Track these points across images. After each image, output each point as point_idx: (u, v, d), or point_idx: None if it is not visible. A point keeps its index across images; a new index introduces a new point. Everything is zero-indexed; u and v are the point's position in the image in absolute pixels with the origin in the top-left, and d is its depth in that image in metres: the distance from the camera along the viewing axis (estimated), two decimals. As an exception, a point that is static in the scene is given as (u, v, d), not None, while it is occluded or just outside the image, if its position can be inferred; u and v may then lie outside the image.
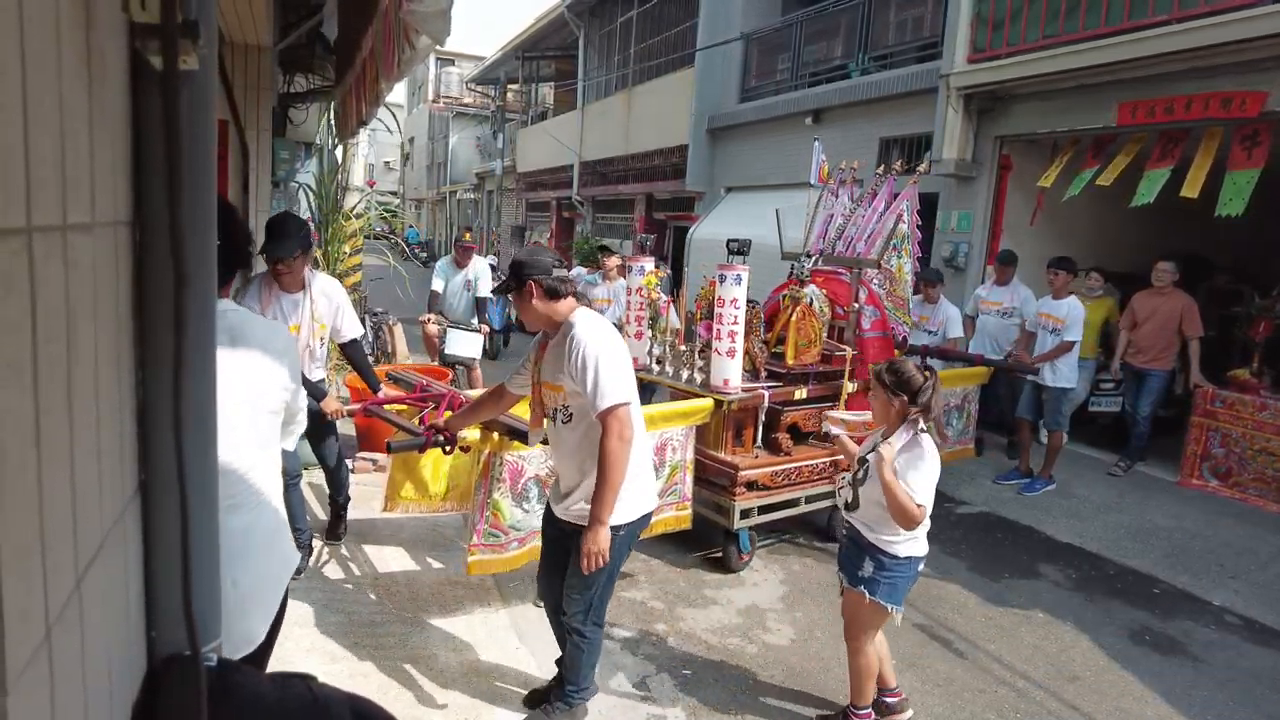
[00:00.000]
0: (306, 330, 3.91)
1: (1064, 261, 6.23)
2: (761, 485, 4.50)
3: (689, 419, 4.23)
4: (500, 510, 3.53)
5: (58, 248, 0.70)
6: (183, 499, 0.86)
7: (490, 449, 3.43)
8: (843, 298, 5.04)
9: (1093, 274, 7.16)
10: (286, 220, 3.79)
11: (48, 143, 0.67)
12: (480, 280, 7.33)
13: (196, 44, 0.82)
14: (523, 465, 3.56)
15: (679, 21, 13.93)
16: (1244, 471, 6.22)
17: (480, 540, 3.50)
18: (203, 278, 0.94)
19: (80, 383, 0.76)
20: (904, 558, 2.91)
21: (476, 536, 3.50)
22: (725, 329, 4.33)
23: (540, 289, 2.72)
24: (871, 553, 2.94)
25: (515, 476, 3.54)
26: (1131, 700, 3.57)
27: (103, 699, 0.86)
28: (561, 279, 2.75)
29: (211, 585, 1.05)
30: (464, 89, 29.32)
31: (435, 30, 2.24)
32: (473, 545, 3.50)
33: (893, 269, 5.40)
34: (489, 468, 3.47)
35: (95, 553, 0.81)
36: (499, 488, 3.50)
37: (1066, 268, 6.18)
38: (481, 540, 3.51)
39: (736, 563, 4.52)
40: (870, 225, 5.31)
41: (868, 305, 5.11)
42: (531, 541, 3.56)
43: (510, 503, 3.54)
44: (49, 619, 0.69)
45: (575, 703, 3.01)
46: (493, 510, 3.51)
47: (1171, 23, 5.85)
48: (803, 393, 4.69)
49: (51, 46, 0.68)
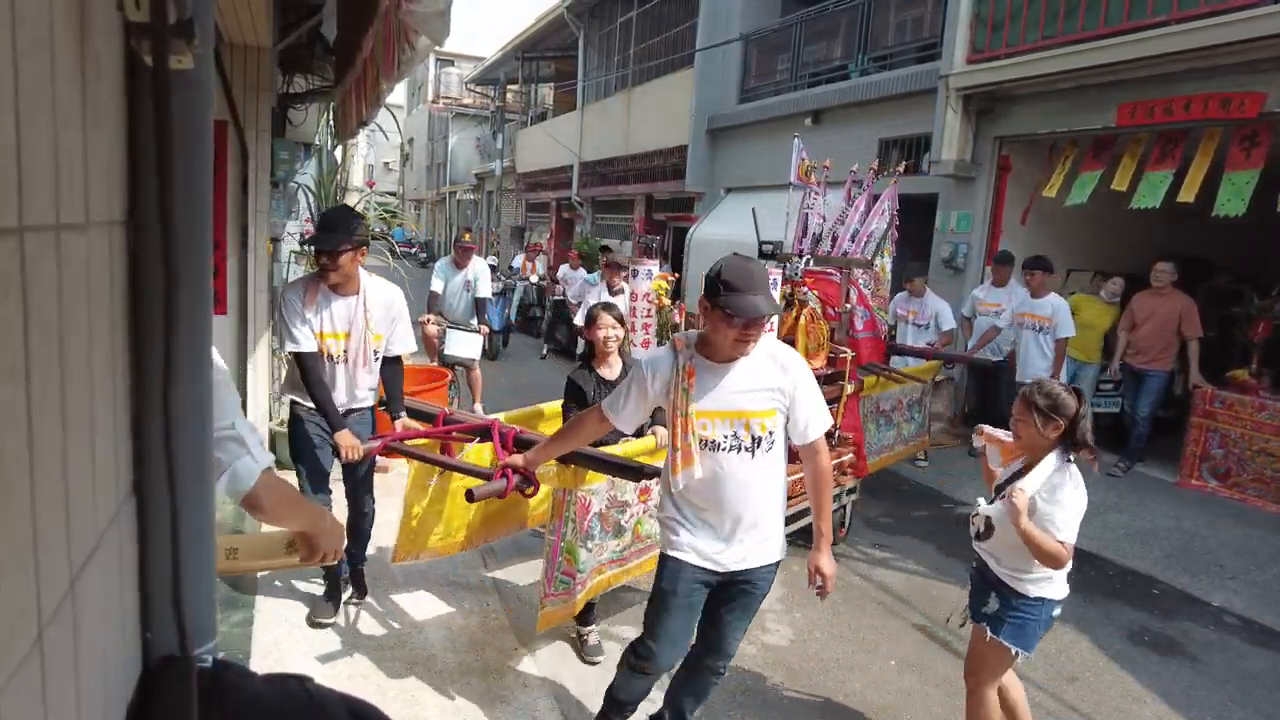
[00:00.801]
0: (358, 340, 3.43)
1: (1040, 261, 6.29)
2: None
3: None
4: (574, 554, 3.16)
5: (51, 247, 0.70)
6: (172, 500, 0.85)
7: (563, 485, 3.09)
8: (833, 298, 5.01)
9: (1116, 279, 7.13)
10: (336, 212, 3.52)
11: (41, 142, 0.67)
12: (480, 281, 7.33)
13: (192, 43, 0.82)
14: (590, 501, 3.21)
15: (679, 22, 13.93)
16: (1243, 472, 6.22)
17: (552, 589, 3.16)
18: (196, 278, 0.94)
19: (74, 383, 0.76)
20: (1035, 598, 2.64)
21: (548, 585, 3.16)
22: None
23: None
24: (998, 588, 2.70)
25: (583, 514, 3.19)
26: (1130, 700, 3.57)
27: (97, 700, 0.85)
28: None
29: (207, 586, 1.05)
30: (464, 89, 29.33)
31: (434, 31, 2.24)
32: (546, 596, 3.17)
33: (876, 269, 5.41)
34: (562, 507, 3.13)
35: (90, 553, 0.81)
36: (571, 528, 3.15)
37: (1043, 267, 6.24)
38: (553, 589, 3.16)
39: None
40: (854, 225, 5.29)
41: (859, 306, 5.10)
42: (591, 581, 3.28)
43: (579, 544, 3.19)
44: (42, 620, 0.69)
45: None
46: (565, 555, 3.15)
47: (1171, 23, 5.85)
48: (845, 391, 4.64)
49: (45, 44, 0.67)
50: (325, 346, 3.40)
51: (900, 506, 5.91)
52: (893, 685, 3.57)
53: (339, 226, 3.32)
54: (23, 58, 0.63)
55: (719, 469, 2.44)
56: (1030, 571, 2.62)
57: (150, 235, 0.89)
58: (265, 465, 1.51)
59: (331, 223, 3.36)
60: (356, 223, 3.41)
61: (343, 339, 3.42)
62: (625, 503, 3.41)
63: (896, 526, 5.51)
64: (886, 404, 5.58)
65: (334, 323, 3.40)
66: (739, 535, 2.50)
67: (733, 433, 2.42)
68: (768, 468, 2.47)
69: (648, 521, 3.52)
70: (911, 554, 5.04)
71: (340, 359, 3.44)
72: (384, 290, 3.52)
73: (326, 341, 3.40)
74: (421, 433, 3.42)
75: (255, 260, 5.14)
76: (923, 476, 6.59)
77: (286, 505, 1.63)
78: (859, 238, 5.19)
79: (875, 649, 3.85)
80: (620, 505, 3.39)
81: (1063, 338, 6.09)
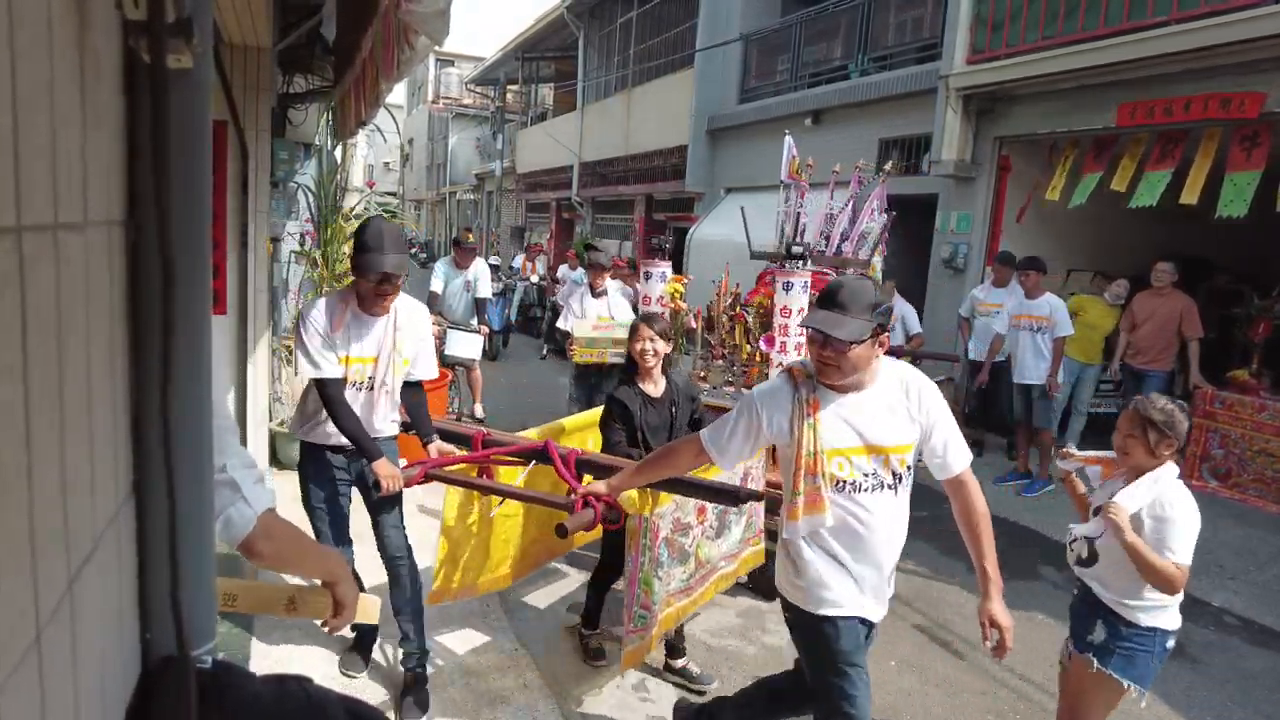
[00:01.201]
0: (385, 365, 3.05)
1: (1033, 261, 6.29)
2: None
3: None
4: (650, 586, 2.93)
5: (49, 247, 0.70)
6: (171, 501, 0.85)
7: (638, 511, 2.81)
8: None
9: (1121, 281, 7.13)
10: (391, 229, 2.95)
11: (39, 140, 0.67)
12: (480, 281, 7.34)
13: (191, 42, 0.82)
14: (659, 526, 2.95)
15: (679, 22, 13.94)
16: (1243, 472, 6.22)
17: (632, 626, 2.92)
18: (194, 278, 0.94)
19: (72, 383, 0.76)
20: (1147, 628, 2.45)
21: (628, 622, 2.92)
22: (791, 341, 4.02)
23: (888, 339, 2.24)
24: (1105, 615, 2.51)
25: (654, 541, 2.95)
26: (1130, 701, 3.55)
27: (95, 700, 0.85)
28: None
29: (206, 586, 1.04)
30: (464, 90, 29.33)
31: (434, 30, 2.24)
32: (628, 634, 2.92)
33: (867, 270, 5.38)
34: (638, 535, 2.84)
35: (88, 554, 0.81)
36: (648, 557, 2.90)
37: (1037, 267, 6.24)
38: (633, 625, 2.92)
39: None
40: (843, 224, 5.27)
41: None
42: (662, 614, 3.03)
43: (654, 574, 2.95)
44: (40, 621, 0.68)
45: None
46: (644, 587, 2.91)
47: (1171, 23, 5.85)
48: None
49: (43, 43, 0.67)
50: (357, 374, 3.01)
51: (900, 507, 5.91)
52: (893, 685, 3.57)
53: (400, 247, 2.91)
54: (21, 56, 0.62)
55: (859, 511, 2.21)
56: (1142, 598, 2.43)
57: (149, 235, 0.89)
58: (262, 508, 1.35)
59: (393, 242, 2.88)
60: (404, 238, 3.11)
61: (370, 363, 3.03)
62: (687, 525, 3.15)
63: (896, 527, 5.51)
64: None
65: (363, 346, 3.00)
66: (882, 584, 2.31)
67: (873, 470, 2.20)
68: (904, 506, 2.28)
69: (706, 545, 3.30)
70: (912, 554, 5.00)
71: (364, 385, 3.04)
72: (413, 310, 3.16)
73: (353, 366, 3.00)
74: (464, 458, 3.08)
75: (255, 260, 5.14)
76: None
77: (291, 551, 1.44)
78: (850, 238, 5.17)
79: (876, 650, 3.83)
80: (683, 528, 3.12)
81: (1061, 337, 6.09)
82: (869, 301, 2.14)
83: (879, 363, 2.22)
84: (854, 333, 2.09)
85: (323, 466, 3.10)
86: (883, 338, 2.16)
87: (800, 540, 2.25)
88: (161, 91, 0.76)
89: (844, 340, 2.08)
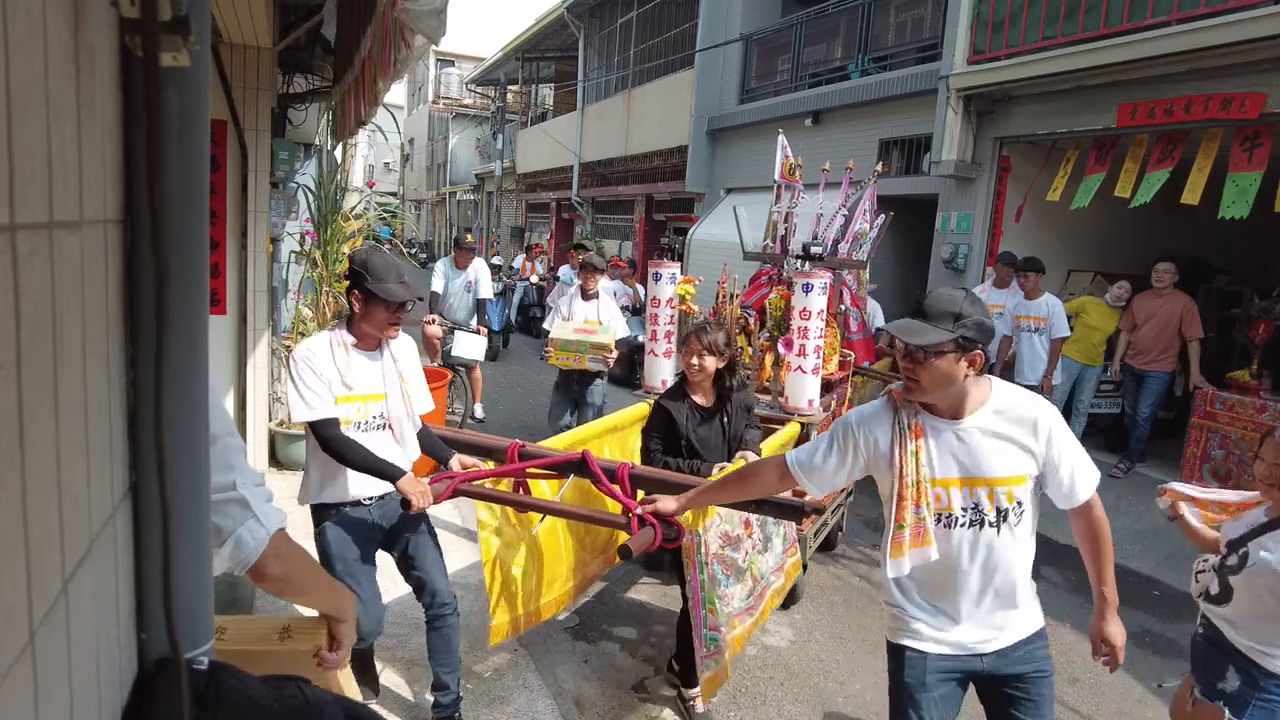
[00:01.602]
0: (398, 401, 2.86)
1: (1031, 262, 6.29)
2: (820, 508, 4.17)
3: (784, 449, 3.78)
4: (714, 605, 2.77)
5: (43, 245, 0.69)
6: (163, 500, 0.85)
7: (689, 526, 2.64)
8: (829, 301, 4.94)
9: (1122, 282, 7.12)
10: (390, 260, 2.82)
11: (33, 138, 0.67)
12: (480, 282, 7.34)
13: (188, 40, 0.81)
14: (709, 543, 2.81)
15: (679, 23, 13.94)
16: (1244, 473, 6.21)
17: (705, 650, 2.75)
18: (190, 277, 0.93)
19: (67, 382, 0.75)
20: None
21: (700, 646, 2.75)
22: (811, 344, 3.95)
23: (984, 360, 2.01)
24: (1240, 662, 2.29)
25: (709, 558, 2.81)
26: (1132, 703, 3.56)
27: (91, 702, 0.85)
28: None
29: (203, 586, 1.04)
30: (464, 90, 29.34)
31: (430, 29, 2.23)
32: (703, 660, 2.76)
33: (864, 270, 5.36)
34: (693, 552, 2.69)
35: (83, 554, 0.80)
36: (705, 575, 2.74)
37: (1035, 268, 6.22)
38: (705, 650, 2.75)
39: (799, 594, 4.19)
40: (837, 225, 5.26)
41: (852, 308, 5.06)
42: (730, 635, 2.88)
43: (715, 592, 2.81)
44: (33, 622, 0.68)
45: None
46: (708, 606, 2.75)
47: (1171, 24, 5.85)
48: (833, 403, 4.55)
49: (37, 39, 0.67)
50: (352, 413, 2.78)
51: (900, 507, 5.90)
52: (893, 687, 3.56)
53: (401, 274, 2.79)
54: (14, 51, 0.62)
55: (953, 548, 2.06)
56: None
57: (143, 233, 0.88)
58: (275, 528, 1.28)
59: (399, 272, 2.79)
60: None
61: (381, 400, 2.83)
62: (736, 539, 3.00)
63: (897, 527, 5.50)
64: None
65: (369, 383, 2.82)
66: (978, 614, 2.12)
67: (974, 504, 2.03)
68: (1014, 544, 2.06)
69: (758, 559, 3.18)
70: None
71: (380, 424, 2.84)
72: (401, 340, 2.96)
73: (359, 405, 2.79)
74: (497, 471, 2.85)
75: (255, 260, 5.14)
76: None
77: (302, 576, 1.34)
78: (844, 239, 5.17)
79: (876, 650, 3.83)
80: (733, 542, 2.98)
81: (1059, 338, 6.08)
82: (953, 311, 1.96)
83: (985, 386, 2.04)
84: (931, 341, 1.93)
85: (348, 526, 2.85)
86: (974, 356, 1.97)
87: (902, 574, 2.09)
88: (156, 90, 0.75)
89: (918, 347, 1.94)
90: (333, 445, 2.69)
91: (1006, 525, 2.04)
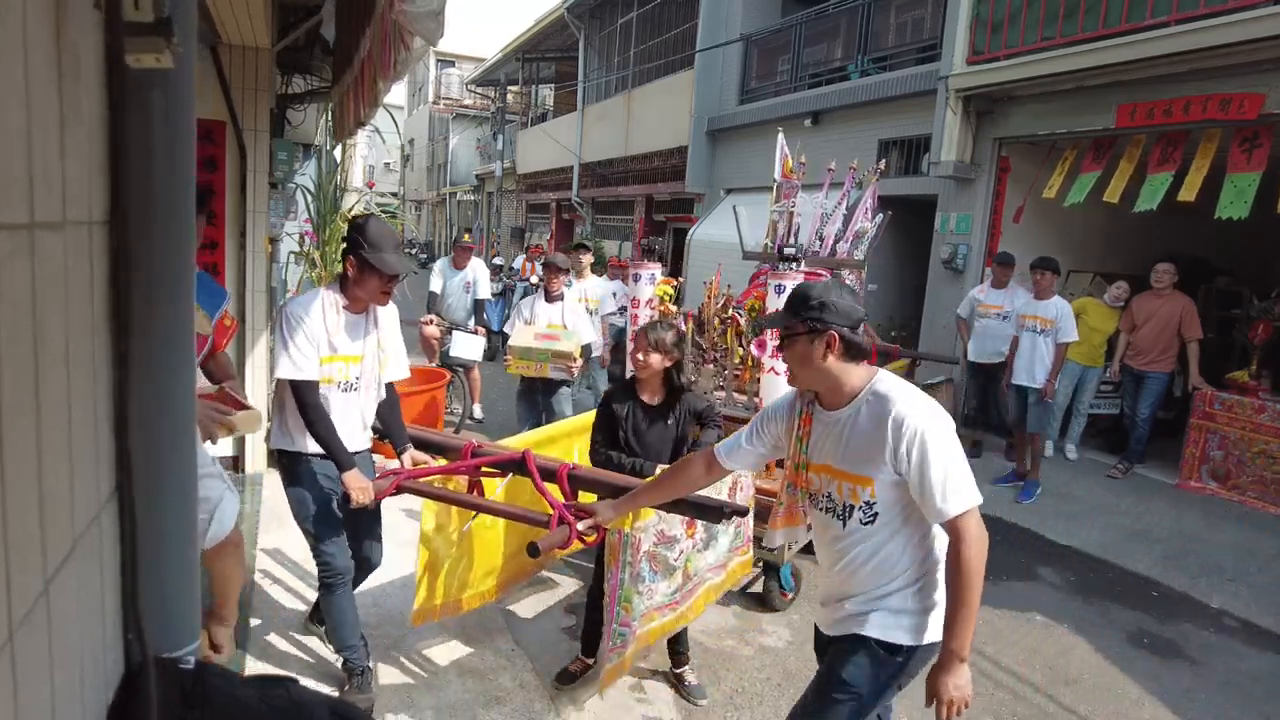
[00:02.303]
0: (371, 362, 2.99)
1: (1048, 261, 6.20)
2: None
3: None
4: (630, 603, 2.82)
5: (24, 245, 0.69)
6: (148, 501, 0.85)
7: (617, 525, 2.72)
8: None
9: (1120, 283, 7.10)
10: (389, 229, 2.91)
11: (14, 139, 0.67)
12: (479, 282, 7.34)
13: (171, 41, 0.81)
14: (640, 540, 2.84)
15: (679, 23, 13.94)
16: (1243, 474, 6.21)
17: (611, 644, 2.81)
18: (176, 277, 0.93)
19: (49, 383, 0.75)
20: None
21: (608, 640, 2.82)
22: None
23: (842, 344, 2.04)
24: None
25: (636, 556, 2.84)
26: (1129, 703, 3.55)
27: (74, 702, 0.85)
28: (867, 332, 2.11)
29: (189, 587, 1.04)
30: (464, 90, 29.34)
31: (427, 30, 2.24)
32: (609, 652, 2.81)
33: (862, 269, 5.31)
34: (618, 550, 2.75)
35: (66, 556, 0.80)
36: (628, 573, 2.79)
37: (1051, 267, 6.16)
38: (612, 644, 2.81)
39: (780, 600, 4.17)
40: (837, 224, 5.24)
41: None
42: (641, 629, 2.93)
43: (634, 589, 2.86)
44: (12, 623, 0.68)
45: None
46: (624, 604, 2.80)
47: (1170, 24, 5.84)
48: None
49: (17, 41, 0.67)
50: (335, 373, 2.90)
51: (899, 508, 5.90)
52: (890, 687, 3.56)
53: (398, 243, 2.95)
54: (-7, 54, 0.62)
55: (818, 531, 2.21)
56: None
57: (129, 234, 0.88)
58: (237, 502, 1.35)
59: (397, 244, 2.91)
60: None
61: (357, 362, 2.95)
62: (673, 538, 3.03)
63: (895, 528, 5.50)
64: None
65: (350, 344, 2.92)
66: (828, 597, 2.24)
67: (827, 493, 2.13)
68: (866, 542, 2.08)
69: (696, 558, 3.20)
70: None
71: (349, 385, 2.95)
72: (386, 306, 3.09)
73: (338, 365, 2.90)
74: (443, 469, 2.97)
75: (253, 261, 5.14)
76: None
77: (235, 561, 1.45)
78: (845, 238, 5.15)
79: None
80: (668, 541, 3.01)
81: (1065, 342, 6.05)
82: (807, 297, 2.06)
83: (864, 378, 2.08)
84: (780, 324, 2.09)
85: (319, 474, 2.98)
86: (829, 339, 2.01)
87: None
88: (121, 90, 0.75)
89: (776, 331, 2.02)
90: (308, 410, 2.82)
91: (855, 521, 2.08)
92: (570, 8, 16.92)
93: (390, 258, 2.81)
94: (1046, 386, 6.04)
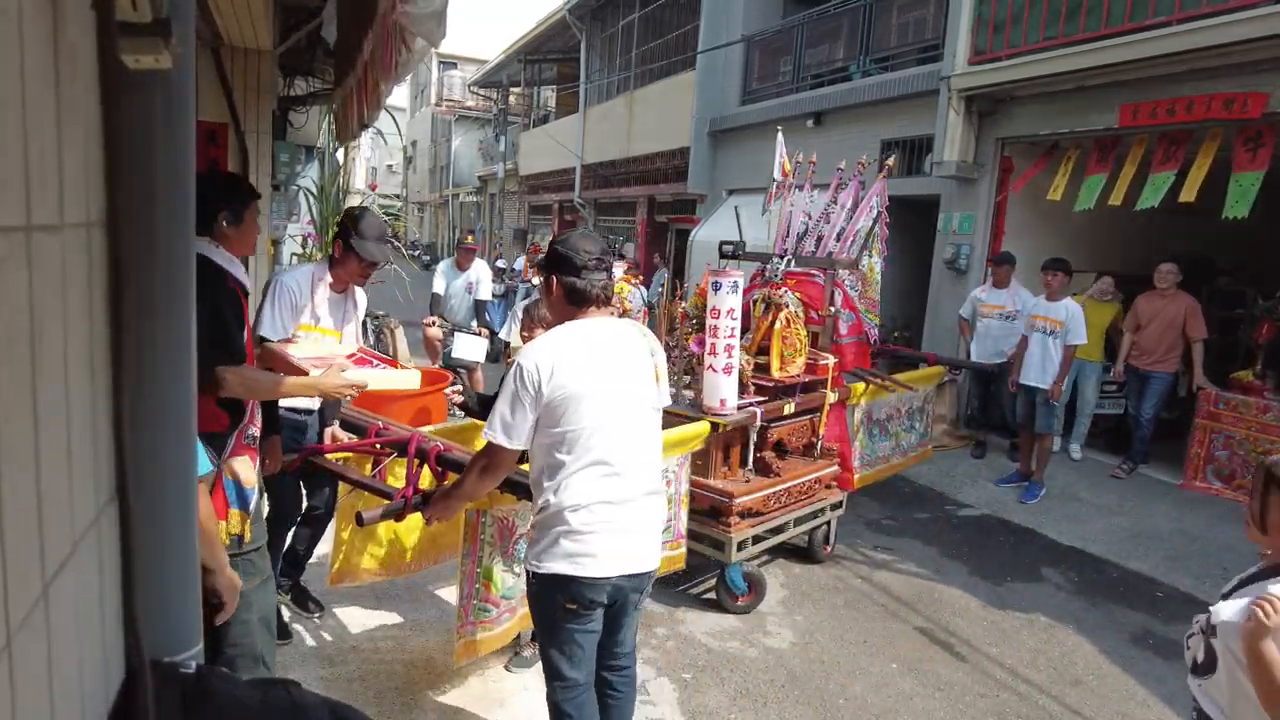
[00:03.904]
0: (350, 341, 3.33)
1: (1059, 262, 6.18)
2: (756, 512, 4.12)
3: (685, 446, 3.75)
4: (492, 579, 2.98)
5: (21, 248, 0.69)
6: (145, 504, 0.85)
7: (475, 506, 2.87)
8: (816, 301, 4.81)
9: (1105, 278, 7.08)
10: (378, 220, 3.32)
11: (10, 141, 0.66)
12: (481, 283, 7.34)
13: (169, 43, 0.81)
14: (513, 521, 3.00)
15: (680, 24, 13.94)
16: (1247, 474, 6.18)
17: (470, 618, 2.96)
18: (176, 278, 0.93)
19: (47, 385, 0.75)
20: None
21: (465, 614, 2.95)
22: (721, 343, 3.93)
23: (562, 288, 2.30)
24: None
25: (506, 537, 3.01)
26: (1134, 704, 3.54)
27: (73, 705, 0.84)
28: (594, 283, 2.27)
29: (190, 590, 1.04)
30: (466, 92, 29.36)
31: (428, 32, 2.23)
32: (461, 626, 2.94)
33: (864, 269, 5.22)
34: (475, 529, 2.92)
35: (65, 559, 0.80)
36: (487, 551, 2.95)
37: (1062, 268, 6.13)
38: (471, 618, 2.96)
39: (733, 604, 4.15)
40: (840, 224, 5.20)
41: (844, 309, 5.00)
42: (522, 609, 3.06)
43: (501, 567, 3.01)
44: (10, 627, 0.68)
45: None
46: (483, 580, 2.96)
47: (1173, 24, 5.83)
48: (790, 407, 4.38)
49: (14, 41, 0.66)
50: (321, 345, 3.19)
51: (902, 509, 5.89)
52: (894, 688, 3.55)
53: (384, 236, 3.31)
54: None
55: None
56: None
57: (128, 236, 0.88)
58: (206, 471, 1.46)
59: (383, 235, 3.28)
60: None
61: (335, 337, 3.28)
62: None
63: (898, 529, 5.49)
64: (880, 413, 5.28)
65: (331, 320, 3.28)
66: None
67: None
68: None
69: None
70: (913, 556, 5.01)
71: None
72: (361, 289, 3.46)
73: (313, 337, 3.20)
74: (344, 446, 3.31)
75: (256, 262, 5.14)
76: (927, 480, 6.56)
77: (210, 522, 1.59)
78: (845, 237, 5.11)
79: (877, 652, 3.83)
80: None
81: (1073, 344, 6.02)
82: (550, 247, 2.38)
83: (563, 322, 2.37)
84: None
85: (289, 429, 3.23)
86: (549, 281, 2.33)
87: None
88: (112, 90, 0.75)
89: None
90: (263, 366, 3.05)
91: None
92: (572, 9, 16.92)
93: (371, 246, 3.19)
94: (1054, 389, 6.02)
